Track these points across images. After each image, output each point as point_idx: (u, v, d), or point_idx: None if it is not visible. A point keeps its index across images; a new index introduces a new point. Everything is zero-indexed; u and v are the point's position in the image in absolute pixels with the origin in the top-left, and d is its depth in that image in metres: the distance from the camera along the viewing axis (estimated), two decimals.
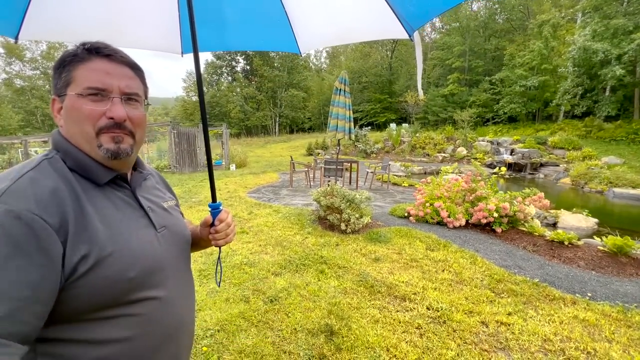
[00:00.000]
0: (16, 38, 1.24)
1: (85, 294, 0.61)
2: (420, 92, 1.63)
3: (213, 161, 1.05)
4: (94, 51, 0.68)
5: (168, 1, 1.39)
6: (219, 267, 1.07)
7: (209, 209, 0.94)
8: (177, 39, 1.55)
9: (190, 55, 1.04)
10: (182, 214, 0.96)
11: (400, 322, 2.54)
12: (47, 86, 33.73)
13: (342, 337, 2.35)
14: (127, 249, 0.67)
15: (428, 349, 2.24)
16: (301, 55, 1.73)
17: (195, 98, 42.87)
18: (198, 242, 0.98)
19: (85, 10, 1.28)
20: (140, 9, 1.40)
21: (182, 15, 1.44)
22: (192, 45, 0.96)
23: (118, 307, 0.65)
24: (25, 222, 0.54)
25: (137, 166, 0.82)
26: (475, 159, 15.25)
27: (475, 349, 2.24)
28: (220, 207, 0.94)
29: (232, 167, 13.02)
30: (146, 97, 0.77)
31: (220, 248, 0.97)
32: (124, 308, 0.66)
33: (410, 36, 1.33)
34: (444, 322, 2.56)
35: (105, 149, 0.67)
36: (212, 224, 0.93)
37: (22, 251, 0.54)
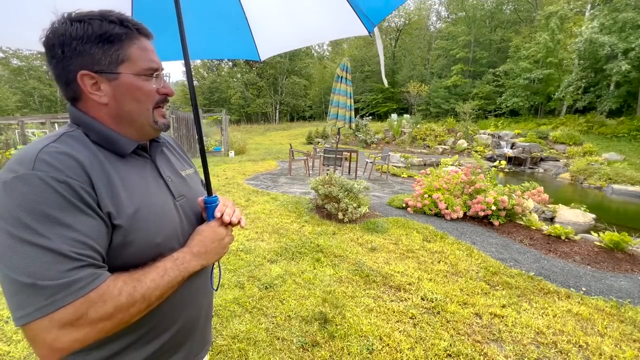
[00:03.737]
0: None
1: (118, 257, 0.63)
2: (385, 80, 1.62)
3: (212, 147, 1.00)
4: (138, 30, 0.71)
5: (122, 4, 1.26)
6: (216, 270, 0.93)
7: (205, 205, 0.84)
8: None
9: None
10: (202, 180, 0.97)
11: (394, 312, 2.55)
12: (44, 67, 33.14)
13: (336, 325, 2.36)
14: (154, 215, 0.70)
15: (421, 338, 2.25)
16: (260, 62, 1.65)
17: (195, 83, 42.26)
18: None
19: (31, 18, 1.12)
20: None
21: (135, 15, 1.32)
22: (183, 51, 0.89)
23: None
24: (67, 184, 0.57)
25: None
26: (476, 151, 15.19)
27: (468, 340, 2.25)
28: (217, 202, 0.84)
29: (231, 153, 12.94)
30: None
31: None
32: None
33: (369, 32, 1.33)
34: (438, 312, 2.56)
35: (162, 124, 0.76)
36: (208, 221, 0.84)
37: (73, 205, 0.57)
